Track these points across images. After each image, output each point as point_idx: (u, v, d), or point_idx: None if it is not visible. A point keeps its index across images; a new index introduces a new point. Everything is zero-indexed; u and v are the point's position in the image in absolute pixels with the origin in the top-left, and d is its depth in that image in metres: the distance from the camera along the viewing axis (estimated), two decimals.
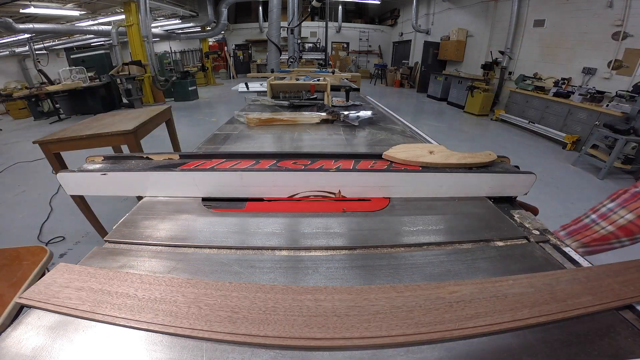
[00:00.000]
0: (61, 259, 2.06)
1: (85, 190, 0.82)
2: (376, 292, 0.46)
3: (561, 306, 0.43)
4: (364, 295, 0.45)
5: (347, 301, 0.44)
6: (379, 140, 1.37)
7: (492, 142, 4.96)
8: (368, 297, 0.45)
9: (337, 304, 0.43)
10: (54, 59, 11.82)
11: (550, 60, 5.60)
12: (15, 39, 8.44)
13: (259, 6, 12.81)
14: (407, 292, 0.45)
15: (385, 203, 0.77)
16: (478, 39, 7.77)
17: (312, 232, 0.66)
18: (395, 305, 0.43)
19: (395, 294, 0.45)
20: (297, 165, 0.82)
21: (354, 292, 0.46)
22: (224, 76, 13.51)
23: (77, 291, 0.46)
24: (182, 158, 0.88)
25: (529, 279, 0.49)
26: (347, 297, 0.45)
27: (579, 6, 4.95)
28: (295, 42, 4.26)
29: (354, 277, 0.53)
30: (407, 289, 0.46)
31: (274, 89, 2.25)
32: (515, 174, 0.78)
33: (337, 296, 0.45)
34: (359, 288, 0.47)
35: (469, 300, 0.44)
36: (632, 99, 3.86)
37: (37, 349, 0.39)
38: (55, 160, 1.88)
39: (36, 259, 0.83)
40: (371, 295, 0.45)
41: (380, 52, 13.96)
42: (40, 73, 7.40)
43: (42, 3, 6.60)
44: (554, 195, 3.08)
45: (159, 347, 0.40)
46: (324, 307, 0.43)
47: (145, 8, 6.60)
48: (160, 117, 2.40)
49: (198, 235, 0.65)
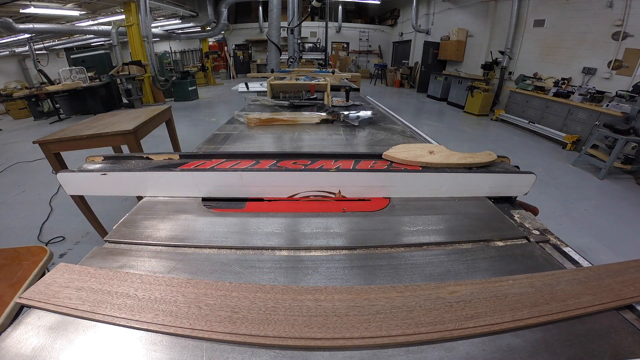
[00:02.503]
0: (61, 259, 2.06)
1: (85, 190, 0.82)
2: (376, 292, 0.46)
3: (561, 306, 0.43)
4: (364, 295, 0.45)
5: (347, 301, 0.44)
6: (379, 140, 1.37)
7: (492, 142, 4.96)
8: (368, 297, 0.45)
9: (337, 304, 0.43)
10: (54, 59, 11.83)
11: (550, 60, 5.59)
12: (15, 39, 8.44)
13: (259, 6, 12.81)
14: (407, 292, 0.46)
15: (385, 203, 0.77)
16: (478, 39, 7.77)
17: (312, 232, 0.66)
18: (395, 305, 0.43)
19: (395, 294, 0.45)
20: (297, 165, 0.82)
21: (354, 292, 0.46)
22: (224, 76, 13.50)
23: (77, 291, 0.46)
24: (182, 158, 0.88)
25: (529, 279, 0.49)
26: (347, 297, 0.45)
27: (579, 6, 4.95)
28: (295, 42, 4.26)
29: (354, 277, 0.53)
30: (407, 289, 0.46)
31: (274, 89, 2.25)
32: (515, 174, 0.78)
33: (337, 296, 0.45)
34: (359, 288, 0.47)
35: (469, 300, 0.44)
36: (632, 99, 3.86)
37: (37, 349, 0.39)
38: (55, 160, 1.88)
39: (36, 259, 0.83)
40: (371, 295, 0.45)
41: (380, 52, 13.96)
42: (40, 73, 7.40)
43: (42, 3, 6.59)
44: (553, 195, 3.08)
45: (159, 347, 0.40)
46: (324, 307, 0.43)
47: (145, 8, 6.60)
48: (160, 117, 2.40)
49: (198, 235, 0.65)
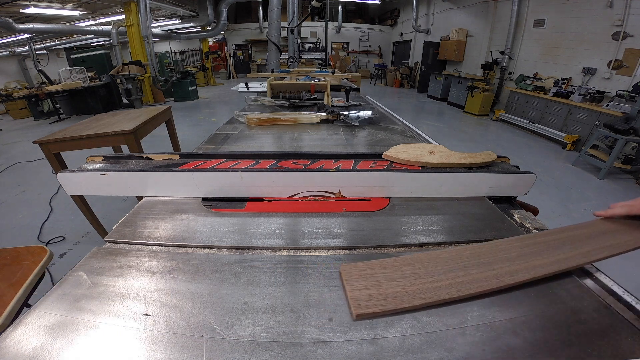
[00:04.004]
0: (61, 259, 2.06)
1: (85, 190, 0.82)
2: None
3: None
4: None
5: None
6: (379, 140, 1.37)
7: (492, 142, 4.96)
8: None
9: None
10: (54, 59, 11.83)
11: (550, 60, 5.59)
12: (15, 39, 8.45)
13: (259, 6, 12.81)
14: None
15: (385, 203, 0.77)
16: (478, 39, 7.77)
17: (312, 232, 0.66)
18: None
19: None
20: (297, 165, 0.82)
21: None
22: (224, 76, 13.50)
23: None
24: (182, 158, 0.88)
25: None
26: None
27: (579, 6, 4.95)
28: (295, 42, 4.26)
29: None
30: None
31: (274, 89, 2.25)
32: (515, 174, 0.78)
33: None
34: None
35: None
36: (632, 99, 3.86)
37: (37, 349, 0.39)
38: (55, 160, 1.88)
39: (36, 259, 0.83)
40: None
41: (380, 52, 13.96)
42: (40, 73, 7.39)
43: (42, 3, 6.59)
44: (554, 196, 3.08)
45: (159, 347, 0.40)
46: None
47: (145, 8, 6.60)
48: (160, 117, 2.40)
49: (198, 235, 0.65)
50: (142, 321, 0.44)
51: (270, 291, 0.50)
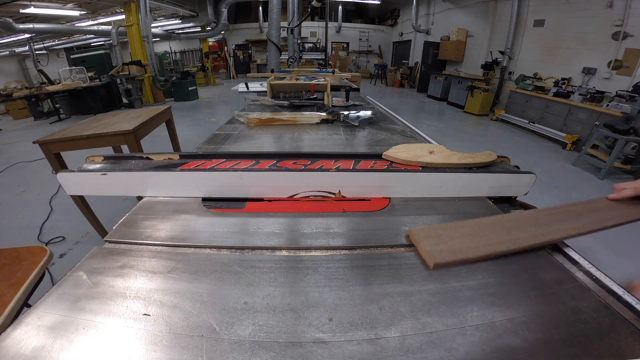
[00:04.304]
0: (61, 259, 2.06)
1: (85, 190, 0.82)
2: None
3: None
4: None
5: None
6: (379, 140, 1.37)
7: (492, 142, 4.96)
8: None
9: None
10: (54, 59, 11.83)
11: (550, 60, 5.59)
12: (15, 39, 8.45)
13: (259, 6, 12.80)
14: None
15: (385, 203, 0.77)
16: (478, 39, 7.77)
17: (312, 232, 0.66)
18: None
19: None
20: (297, 165, 0.82)
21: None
22: (224, 76, 13.50)
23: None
24: (182, 158, 0.88)
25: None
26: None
27: (579, 6, 4.95)
28: (295, 42, 4.27)
29: (354, 277, 0.53)
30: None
31: (274, 89, 2.25)
32: (515, 174, 0.78)
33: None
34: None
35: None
36: (632, 99, 3.86)
37: (37, 349, 0.39)
38: (55, 160, 1.88)
39: (36, 259, 0.83)
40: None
41: (380, 52, 13.96)
42: (40, 73, 7.40)
43: (42, 3, 6.60)
44: (554, 196, 3.08)
45: (159, 347, 0.40)
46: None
47: (145, 8, 6.60)
48: (160, 117, 2.40)
49: (198, 235, 0.65)
50: (142, 321, 0.44)
51: (270, 291, 0.50)
